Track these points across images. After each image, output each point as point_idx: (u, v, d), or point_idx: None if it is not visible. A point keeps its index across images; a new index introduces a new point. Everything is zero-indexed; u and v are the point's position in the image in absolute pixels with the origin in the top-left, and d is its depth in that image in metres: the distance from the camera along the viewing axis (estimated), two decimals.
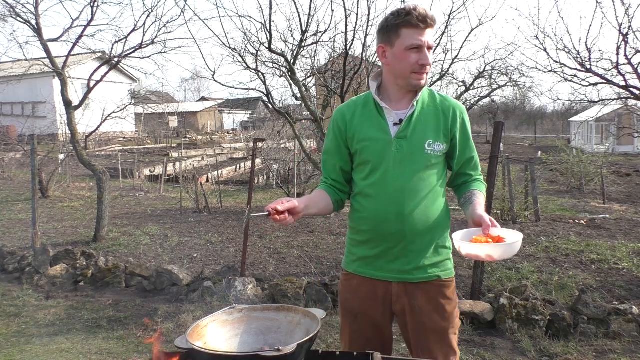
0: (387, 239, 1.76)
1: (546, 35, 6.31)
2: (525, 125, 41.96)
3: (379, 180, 1.76)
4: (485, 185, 1.91)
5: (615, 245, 6.19)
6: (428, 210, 1.76)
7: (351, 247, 1.89)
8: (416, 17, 1.65)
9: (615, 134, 17.97)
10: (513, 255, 1.59)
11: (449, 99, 1.84)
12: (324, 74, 7.99)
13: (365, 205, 1.79)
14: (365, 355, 1.45)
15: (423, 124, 1.76)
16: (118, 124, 17.29)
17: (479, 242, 1.57)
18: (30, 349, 3.80)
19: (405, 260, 1.77)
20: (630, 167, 17.25)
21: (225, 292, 4.69)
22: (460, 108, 1.82)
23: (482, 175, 1.94)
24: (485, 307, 4.08)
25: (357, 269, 1.85)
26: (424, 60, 1.68)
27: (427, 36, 1.68)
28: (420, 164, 1.74)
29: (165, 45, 7.56)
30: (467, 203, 1.79)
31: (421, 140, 1.74)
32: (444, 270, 1.82)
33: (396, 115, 1.77)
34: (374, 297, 1.81)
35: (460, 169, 1.86)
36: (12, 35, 14.99)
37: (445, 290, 1.81)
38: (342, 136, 1.84)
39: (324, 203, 1.85)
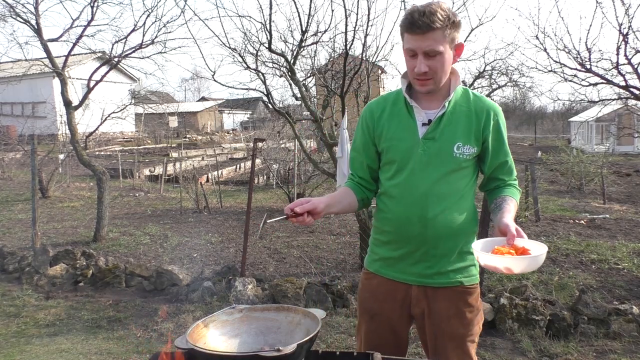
0: (409, 241, 1.72)
1: (546, 35, 6.31)
2: (525, 125, 41.97)
3: (404, 181, 1.71)
4: (520, 191, 1.81)
5: (615, 245, 6.19)
6: (453, 215, 1.69)
7: (374, 247, 1.86)
8: (410, 21, 1.58)
9: (615, 134, 17.98)
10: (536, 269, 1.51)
11: (483, 99, 1.74)
12: (324, 74, 7.99)
13: (389, 206, 1.75)
14: (365, 355, 1.45)
15: (453, 125, 1.68)
16: (118, 124, 17.27)
17: (501, 252, 1.48)
18: (30, 349, 3.79)
19: (426, 265, 1.72)
20: (630, 167, 17.25)
21: (225, 292, 4.69)
22: (495, 109, 1.72)
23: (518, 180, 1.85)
24: (485, 307, 4.07)
25: (378, 269, 1.82)
26: (418, 68, 1.60)
27: (426, 41, 1.56)
28: (447, 167, 1.67)
29: (165, 45, 7.57)
30: (497, 209, 1.69)
31: (450, 142, 1.67)
32: (468, 276, 1.75)
33: (426, 115, 1.70)
34: (392, 298, 1.78)
35: (492, 173, 1.77)
36: (12, 35, 15.04)
37: (467, 297, 1.75)
38: (370, 133, 1.79)
39: (347, 200, 1.80)
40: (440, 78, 1.64)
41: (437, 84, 1.65)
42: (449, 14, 1.58)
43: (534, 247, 1.50)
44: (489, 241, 1.56)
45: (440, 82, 1.65)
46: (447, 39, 1.58)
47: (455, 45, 1.63)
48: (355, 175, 1.86)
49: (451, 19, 1.57)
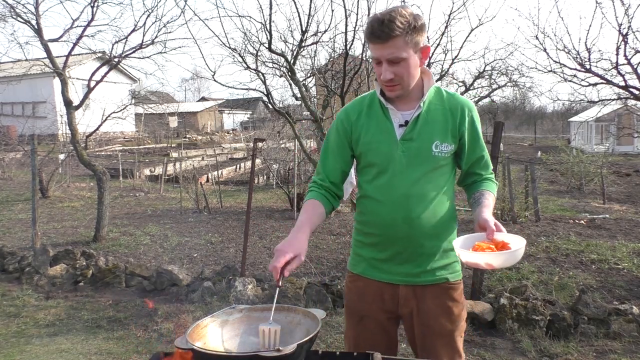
0: (396, 243, 1.73)
1: (546, 35, 6.32)
2: (525, 125, 41.97)
3: (386, 183, 1.71)
4: (497, 184, 1.85)
5: (615, 245, 6.19)
6: (436, 213, 1.71)
7: (357, 249, 1.86)
8: (370, 31, 1.59)
9: (615, 134, 17.97)
10: (515, 263, 1.54)
11: (456, 96, 1.77)
12: (324, 74, 7.99)
13: (372, 209, 1.75)
14: (365, 355, 1.45)
15: (430, 124, 1.70)
16: (118, 124, 17.28)
17: (481, 248, 1.52)
18: (30, 349, 3.79)
19: (414, 264, 1.74)
20: (630, 167, 17.25)
21: (225, 292, 4.69)
22: (468, 105, 1.75)
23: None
24: (485, 307, 4.08)
25: (363, 271, 1.82)
26: (383, 75, 1.62)
27: (387, 49, 1.57)
28: (428, 166, 1.69)
29: (165, 45, 7.58)
30: (476, 204, 1.73)
31: (428, 142, 1.69)
32: (452, 272, 1.79)
33: (402, 116, 1.72)
34: (380, 299, 1.79)
35: (469, 168, 1.81)
36: (13, 36, 15.08)
37: (453, 293, 1.78)
38: (347, 137, 1.78)
39: (320, 221, 1.76)
40: (407, 83, 1.65)
41: (405, 88, 1.66)
42: (410, 19, 1.57)
43: (513, 240, 1.53)
44: (469, 237, 1.59)
45: (409, 86, 1.67)
46: (409, 45, 1.58)
47: (420, 48, 1.64)
48: (326, 179, 1.81)
49: (412, 24, 1.57)
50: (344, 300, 1.92)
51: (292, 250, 1.51)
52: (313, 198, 1.77)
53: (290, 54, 5.93)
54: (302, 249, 1.54)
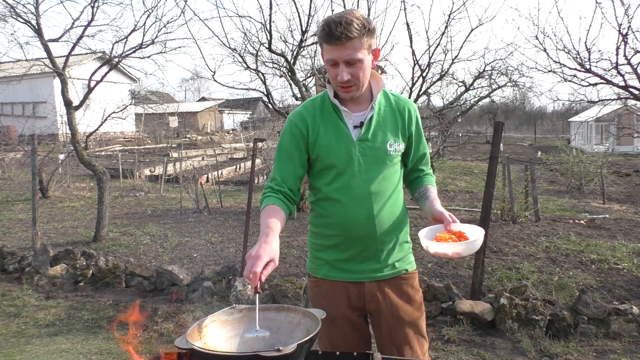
0: (358, 242, 1.77)
1: (546, 35, 6.32)
2: (525, 125, 41.98)
3: (346, 184, 1.75)
4: (435, 178, 1.97)
5: (615, 245, 6.18)
6: (393, 209, 1.80)
7: (316, 252, 1.87)
8: (327, 33, 1.60)
9: (615, 134, 17.97)
10: (476, 250, 1.65)
11: (402, 98, 1.87)
12: (324, 74, 7.99)
13: (332, 210, 1.78)
14: (365, 355, 1.45)
15: (382, 125, 1.77)
16: (118, 124, 17.28)
17: (444, 239, 1.62)
18: (30, 349, 3.80)
19: (375, 260, 1.80)
20: (630, 167, 17.25)
21: (225, 292, 4.69)
22: (413, 106, 1.85)
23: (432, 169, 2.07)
24: (485, 307, 4.08)
25: (326, 274, 1.84)
26: (340, 76, 1.64)
27: (345, 50, 1.60)
28: (384, 165, 1.77)
29: (166, 45, 7.57)
30: (423, 198, 1.84)
31: (383, 141, 1.76)
32: (409, 263, 1.88)
33: (355, 117, 1.76)
34: (347, 299, 1.82)
35: (414, 165, 1.91)
36: (13, 36, 15.00)
37: (412, 282, 1.88)
38: (304, 139, 1.78)
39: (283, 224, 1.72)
40: (362, 83, 1.71)
41: (360, 89, 1.72)
42: (364, 21, 1.62)
43: (468, 229, 1.67)
44: (430, 230, 1.70)
45: (363, 87, 1.72)
46: (364, 46, 1.63)
47: (372, 50, 1.70)
48: (284, 185, 1.77)
49: (366, 26, 1.62)
50: (311, 304, 1.91)
51: (267, 255, 1.47)
52: (271, 203, 1.73)
53: (290, 54, 5.93)
54: (276, 253, 1.51)
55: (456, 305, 4.14)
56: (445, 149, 16.72)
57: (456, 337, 3.87)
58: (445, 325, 4.05)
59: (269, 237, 1.56)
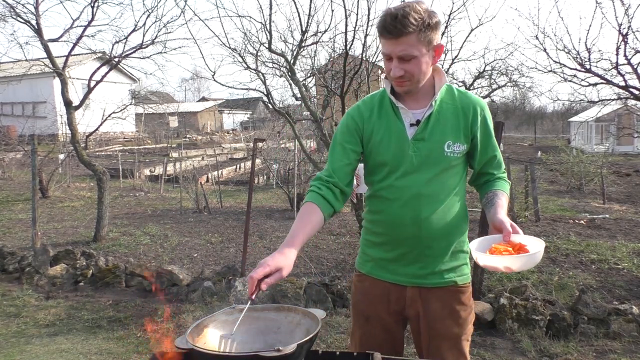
0: (403, 243, 1.70)
1: (546, 35, 6.32)
2: (525, 125, 41.98)
3: (395, 183, 1.68)
4: (509, 183, 1.81)
5: (615, 245, 6.19)
6: (446, 215, 1.69)
7: (365, 248, 1.83)
8: (382, 26, 1.54)
9: (615, 134, 17.97)
10: (534, 265, 1.51)
11: (469, 95, 1.73)
12: (324, 74, 7.98)
13: (381, 208, 1.73)
14: (365, 355, 1.45)
15: (442, 124, 1.66)
16: (118, 124, 17.29)
17: (498, 250, 1.48)
18: (30, 349, 3.80)
19: (421, 265, 1.71)
20: (630, 167, 17.24)
21: (225, 292, 4.69)
22: (481, 104, 1.71)
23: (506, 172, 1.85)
24: (485, 307, 4.08)
25: (370, 271, 1.80)
26: (393, 72, 1.58)
27: (399, 46, 1.53)
28: (439, 167, 1.66)
29: (166, 45, 7.58)
30: (489, 204, 1.69)
31: (440, 142, 1.65)
32: (461, 275, 1.76)
33: (413, 115, 1.68)
34: (386, 300, 1.77)
35: (482, 168, 1.77)
36: (13, 36, 15.08)
37: (460, 296, 1.76)
38: (359, 133, 1.74)
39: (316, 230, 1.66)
40: (417, 80, 1.61)
41: (414, 85, 1.63)
42: (424, 16, 1.52)
43: (530, 242, 1.50)
44: (486, 239, 1.56)
45: (419, 83, 1.63)
46: (422, 42, 1.54)
47: (433, 46, 1.59)
48: (333, 175, 1.71)
49: (426, 21, 1.52)
50: (351, 299, 1.91)
51: (275, 264, 1.42)
52: (311, 201, 1.67)
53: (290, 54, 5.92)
54: (286, 264, 1.45)
55: None
56: None
57: None
58: None
59: (285, 249, 1.50)
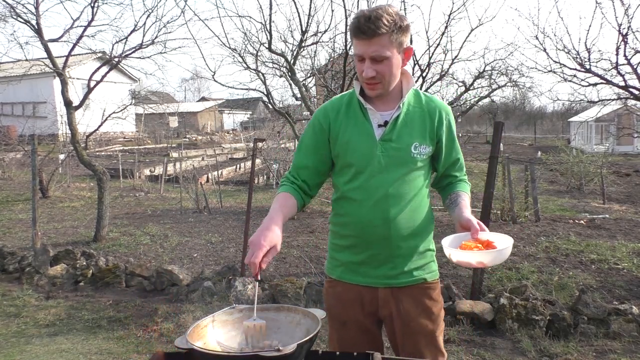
0: (373, 244, 1.72)
1: (546, 35, 6.33)
2: (525, 125, 41.97)
3: (364, 184, 1.70)
4: (470, 185, 1.88)
5: (615, 245, 6.18)
6: (413, 215, 1.72)
7: (334, 253, 1.84)
8: (356, 26, 1.57)
9: (615, 134, 17.97)
10: (504, 260, 1.57)
11: (434, 99, 1.79)
12: (324, 74, 7.99)
13: (349, 210, 1.74)
14: (365, 355, 1.45)
15: (409, 126, 1.70)
16: (118, 124, 17.29)
17: (469, 247, 1.54)
18: (30, 349, 3.80)
19: (391, 266, 1.73)
20: (630, 167, 17.24)
21: (225, 292, 4.69)
22: (446, 109, 1.77)
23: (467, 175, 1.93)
24: (485, 307, 4.09)
25: (341, 275, 1.81)
26: (365, 72, 1.60)
27: (372, 46, 1.56)
28: (407, 168, 1.70)
29: (166, 45, 7.58)
30: (453, 205, 1.75)
31: (407, 143, 1.69)
32: (429, 272, 1.79)
33: (381, 116, 1.71)
34: (360, 303, 1.78)
35: (445, 170, 1.83)
36: (13, 36, 15.05)
37: (431, 293, 1.79)
38: (325, 135, 1.75)
39: (292, 213, 1.73)
40: (388, 82, 1.65)
41: (385, 87, 1.66)
42: (396, 18, 1.56)
43: (497, 238, 1.57)
44: (455, 237, 1.62)
45: (390, 85, 1.66)
46: (394, 44, 1.58)
47: (403, 49, 1.63)
48: (298, 178, 1.77)
49: (398, 23, 1.56)
50: (324, 304, 1.90)
51: (268, 242, 1.49)
52: (285, 191, 1.74)
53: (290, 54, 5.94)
54: (277, 240, 1.52)
55: (456, 305, 4.15)
56: None
57: (456, 337, 3.87)
58: (445, 325, 4.06)
59: (272, 224, 1.56)
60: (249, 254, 1.47)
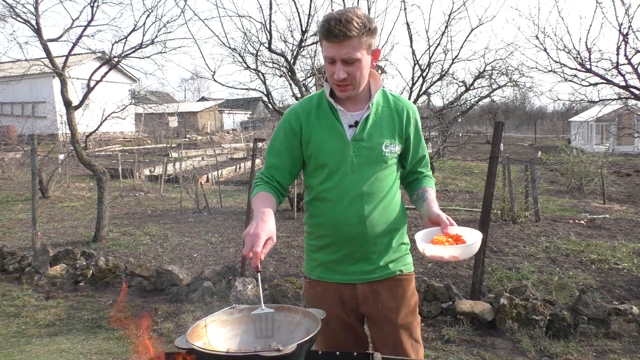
0: (349, 243, 1.75)
1: (546, 35, 6.33)
2: (525, 125, 41.98)
3: (338, 184, 1.73)
4: (434, 180, 1.95)
5: (615, 245, 6.18)
6: (387, 211, 1.77)
7: (311, 253, 1.87)
8: (327, 29, 1.58)
9: (615, 134, 17.99)
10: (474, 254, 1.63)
11: (401, 99, 1.84)
12: (323, 74, 7.99)
13: (324, 210, 1.77)
14: (365, 355, 1.45)
15: (379, 125, 1.75)
16: (118, 124, 17.30)
17: (440, 242, 1.60)
18: (30, 349, 3.80)
19: (367, 262, 1.78)
20: (630, 167, 17.24)
21: (225, 292, 4.69)
22: (412, 108, 1.82)
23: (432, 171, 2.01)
24: (485, 307, 4.08)
25: (320, 275, 1.84)
26: (337, 74, 1.63)
27: (343, 49, 1.59)
28: (378, 167, 1.74)
29: (165, 45, 7.57)
30: (421, 200, 1.81)
31: (378, 142, 1.73)
32: (404, 264, 1.85)
33: (351, 117, 1.74)
34: (340, 301, 1.81)
35: (412, 167, 1.89)
36: (12, 36, 15.05)
37: (407, 284, 1.84)
38: (297, 137, 1.77)
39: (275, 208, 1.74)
40: (359, 83, 1.68)
41: (356, 89, 1.69)
42: (365, 21, 1.59)
43: (466, 232, 1.65)
44: (426, 232, 1.69)
45: (360, 87, 1.70)
46: (364, 46, 1.61)
47: (372, 50, 1.67)
48: (272, 179, 1.80)
49: (367, 26, 1.59)
50: (305, 305, 1.92)
51: (265, 232, 1.50)
52: (263, 190, 1.75)
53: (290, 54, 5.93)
54: (273, 231, 1.53)
55: (456, 305, 4.15)
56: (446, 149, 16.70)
57: (456, 337, 3.87)
58: (445, 325, 4.05)
59: (265, 216, 1.57)
60: (247, 245, 1.47)
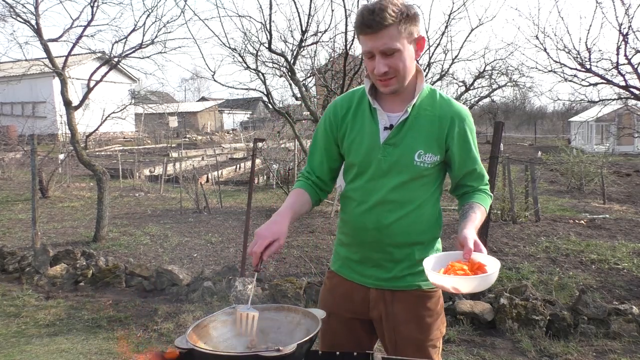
0: (365, 247, 1.69)
1: (546, 35, 6.33)
2: (525, 125, 41.97)
3: (363, 186, 1.66)
4: (491, 197, 1.73)
5: (615, 245, 6.18)
6: (412, 223, 1.64)
7: (337, 246, 1.85)
8: (360, 22, 1.49)
9: (615, 134, 17.98)
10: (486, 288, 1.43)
11: (452, 103, 1.65)
12: (324, 74, 7.99)
13: (348, 209, 1.73)
14: (365, 355, 1.45)
15: (415, 131, 1.60)
16: (118, 124, 17.29)
17: (453, 269, 1.40)
18: (30, 349, 3.79)
19: (384, 269, 1.69)
20: (630, 167, 17.23)
21: (225, 292, 4.69)
22: (460, 116, 1.63)
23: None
24: (485, 307, 4.08)
25: (339, 269, 1.81)
26: (377, 69, 1.51)
27: (380, 40, 1.47)
28: (407, 175, 1.61)
29: (165, 45, 7.58)
30: (462, 217, 1.60)
31: (410, 150, 1.60)
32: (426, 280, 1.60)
33: (388, 118, 1.63)
34: (350, 299, 1.76)
35: (460, 180, 1.71)
36: (12, 36, 15.07)
37: (426, 301, 1.70)
38: (333, 132, 1.72)
39: (305, 209, 1.72)
40: (403, 76, 1.55)
41: (400, 82, 1.56)
42: (402, 7, 1.48)
43: (490, 263, 1.41)
44: (445, 255, 1.50)
45: (405, 80, 1.57)
46: (403, 35, 1.48)
47: (415, 39, 1.53)
48: (313, 173, 1.76)
49: (404, 12, 1.48)
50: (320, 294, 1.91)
51: (272, 234, 1.48)
52: (299, 187, 1.74)
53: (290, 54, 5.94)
54: (282, 233, 1.51)
55: (456, 305, 4.14)
56: None
57: (456, 337, 3.87)
58: (445, 325, 4.05)
59: (280, 217, 1.56)
60: (252, 244, 1.48)
